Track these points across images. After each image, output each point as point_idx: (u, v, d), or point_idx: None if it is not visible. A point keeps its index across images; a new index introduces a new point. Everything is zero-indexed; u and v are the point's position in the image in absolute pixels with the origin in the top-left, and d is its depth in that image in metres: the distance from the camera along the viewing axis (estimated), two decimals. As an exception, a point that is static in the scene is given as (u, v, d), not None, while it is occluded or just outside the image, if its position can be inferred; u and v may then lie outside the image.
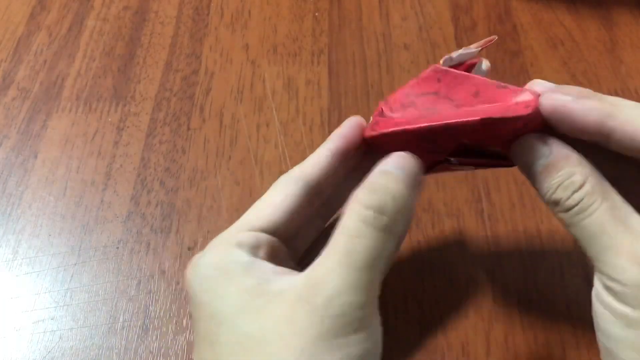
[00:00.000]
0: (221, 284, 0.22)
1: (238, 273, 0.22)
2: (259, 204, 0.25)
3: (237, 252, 0.23)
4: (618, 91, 0.40)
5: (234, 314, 0.21)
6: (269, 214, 0.24)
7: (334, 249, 0.21)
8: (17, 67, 0.42)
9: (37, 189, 0.36)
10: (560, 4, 0.45)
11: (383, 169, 0.23)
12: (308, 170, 0.25)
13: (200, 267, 0.23)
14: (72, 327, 0.31)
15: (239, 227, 0.24)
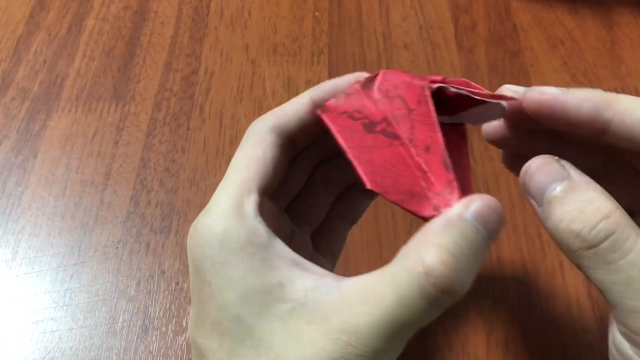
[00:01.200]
0: (234, 271, 0.20)
1: (256, 261, 0.20)
2: (241, 162, 0.22)
3: (251, 224, 0.20)
4: (618, 91, 0.40)
5: (251, 316, 0.20)
6: (259, 171, 0.22)
7: (378, 303, 0.18)
8: (16, 67, 0.42)
9: (36, 189, 0.36)
10: (561, 4, 0.45)
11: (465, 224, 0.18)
12: (285, 119, 0.23)
13: (207, 238, 0.20)
14: (72, 328, 0.31)
15: (238, 188, 0.21)
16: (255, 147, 0.23)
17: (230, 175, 0.22)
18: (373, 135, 0.22)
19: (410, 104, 0.22)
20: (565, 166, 0.19)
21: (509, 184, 0.35)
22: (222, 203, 0.21)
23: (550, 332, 0.30)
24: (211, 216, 0.21)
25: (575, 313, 0.31)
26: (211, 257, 0.20)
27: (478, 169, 0.36)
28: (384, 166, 0.21)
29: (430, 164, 0.21)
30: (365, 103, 0.23)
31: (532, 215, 0.34)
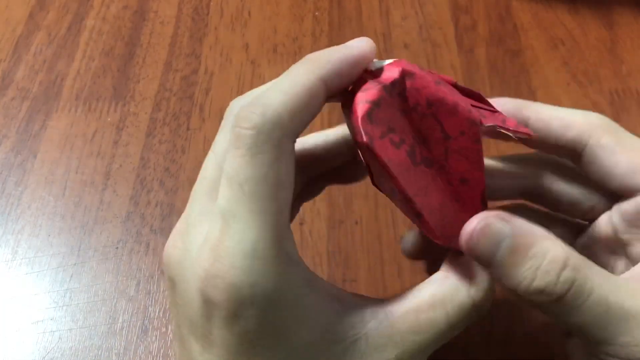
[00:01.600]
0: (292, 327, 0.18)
1: (306, 314, 0.18)
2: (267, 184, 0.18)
3: (295, 271, 0.18)
4: (619, 91, 0.40)
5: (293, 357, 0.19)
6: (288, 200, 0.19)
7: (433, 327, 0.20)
8: (16, 67, 0.42)
9: (36, 189, 0.36)
10: (561, 4, 0.45)
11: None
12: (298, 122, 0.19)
13: (253, 294, 0.17)
14: (72, 328, 0.31)
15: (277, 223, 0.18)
16: (277, 166, 0.18)
17: (253, 204, 0.18)
18: (420, 169, 0.20)
19: (450, 131, 0.20)
20: (507, 221, 0.19)
21: (509, 184, 0.35)
22: (261, 250, 0.17)
23: (550, 332, 0.30)
24: (253, 269, 0.17)
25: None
26: (259, 316, 0.18)
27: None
28: (440, 210, 0.20)
29: (464, 195, 0.21)
30: (394, 113, 0.20)
31: (532, 216, 0.34)
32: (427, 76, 0.20)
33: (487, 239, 0.18)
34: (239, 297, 0.17)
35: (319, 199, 0.35)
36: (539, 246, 0.18)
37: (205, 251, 0.18)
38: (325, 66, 0.19)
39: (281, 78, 0.19)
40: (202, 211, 0.20)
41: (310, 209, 0.35)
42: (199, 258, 0.18)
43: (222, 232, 0.18)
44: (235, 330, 0.18)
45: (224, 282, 0.17)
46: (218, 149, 0.21)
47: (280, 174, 0.18)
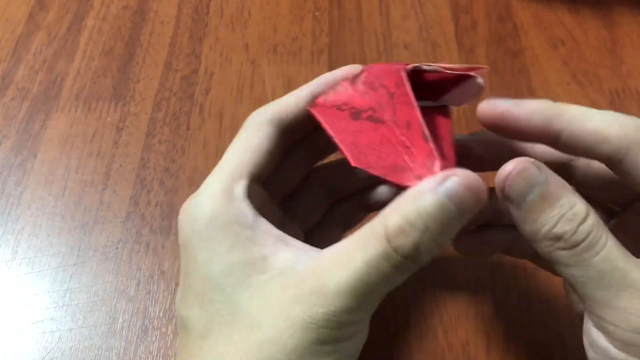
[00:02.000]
0: (220, 245, 0.21)
1: (242, 237, 0.21)
2: (237, 149, 0.23)
3: (239, 205, 0.22)
4: (619, 91, 0.40)
5: (232, 286, 0.21)
6: (252, 159, 0.23)
7: (348, 265, 0.19)
8: (16, 67, 0.42)
9: (36, 189, 0.36)
10: (561, 4, 0.45)
11: (432, 198, 0.19)
12: (283, 111, 0.24)
13: (196, 215, 0.22)
14: (72, 328, 0.31)
15: (230, 173, 0.22)
16: (251, 137, 0.23)
17: (223, 161, 0.23)
18: (359, 122, 0.23)
19: (391, 89, 0.23)
20: (541, 169, 0.20)
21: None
22: (213, 185, 0.22)
23: (550, 332, 0.30)
24: (201, 196, 0.22)
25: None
26: (199, 232, 0.21)
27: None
28: (369, 146, 0.22)
29: (412, 139, 0.21)
30: (352, 96, 0.24)
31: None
32: (385, 64, 0.24)
33: (523, 181, 0.19)
34: (186, 214, 0.22)
35: (319, 199, 0.35)
36: (567, 198, 0.19)
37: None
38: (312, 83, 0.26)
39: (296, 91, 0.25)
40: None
41: (310, 209, 0.35)
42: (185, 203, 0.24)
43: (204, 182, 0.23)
44: (184, 248, 0.22)
45: (183, 210, 0.23)
46: None
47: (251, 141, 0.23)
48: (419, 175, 0.20)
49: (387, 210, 0.20)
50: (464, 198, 0.19)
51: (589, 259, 0.19)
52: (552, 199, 0.19)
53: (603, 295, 0.19)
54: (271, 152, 0.23)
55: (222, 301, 0.21)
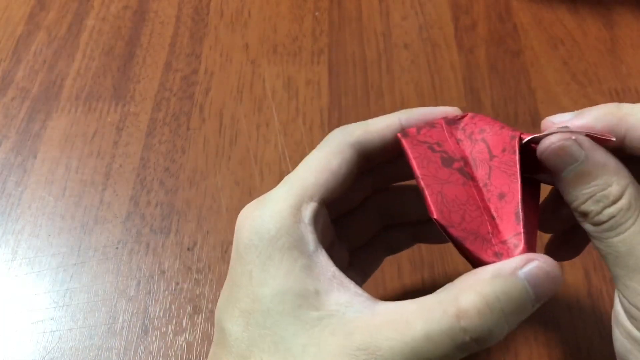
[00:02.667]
0: (277, 269, 0.20)
1: (299, 265, 0.20)
2: (313, 167, 0.22)
3: (303, 230, 0.21)
4: (619, 91, 0.40)
5: (281, 314, 0.20)
6: (328, 182, 0.22)
7: (405, 332, 0.18)
8: (16, 67, 0.42)
9: (36, 189, 0.36)
10: (561, 4, 0.45)
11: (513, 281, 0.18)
12: (369, 137, 0.23)
13: (259, 229, 0.21)
14: (72, 328, 0.31)
15: (302, 191, 0.22)
16: (331, 156, 0.22)
17: (297, 174, 0.22)
18: (449, 170, 0.22)
19: (494, 151, 0.22)
20: (583, 146, 0.20)
21: (509, 183, 0.35)
22: (281, 201, 0.22)
23: (550, 332, 0.30)
24: (268, 210, 0.21)
25: (575, 313, 0.31)
26: (258, 248, 0.21)
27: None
28: (454, 201, 0.21)
29: (501, 211, 0.21)
30: (447, 139, 0.23)
31: (532, 215, 0.34)
32: (490, 120, 0.23)
33: (559, 158, 0.20)
34: (248, 226, 0.21)
35: (319, 199, 0.35)
36: (602, 179, 0.20)
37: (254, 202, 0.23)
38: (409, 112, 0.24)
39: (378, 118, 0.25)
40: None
41: (310, 209, 0.35)
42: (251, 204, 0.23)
43: (272, 190, 0.23)
44: (241, 259, 0.21)
45: (246, 218, 0.22)
46: None
47: (330, 161, 0.22)
48: (498, 253, 0.20)
49: (459, 286, 0.19)
50: (543, 285, 0.19)
51: (609, 239, 0.19)
52: (587, 178, 0.20)
53: (619, 272, 0.20)
54: (347, 177, 0.23)
55: (268, 327, 0.20)
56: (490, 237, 0.20)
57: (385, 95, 0.40)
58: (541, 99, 0.39)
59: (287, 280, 0.20)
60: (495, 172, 0.21)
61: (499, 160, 0.22)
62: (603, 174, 0.20)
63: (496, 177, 0.21)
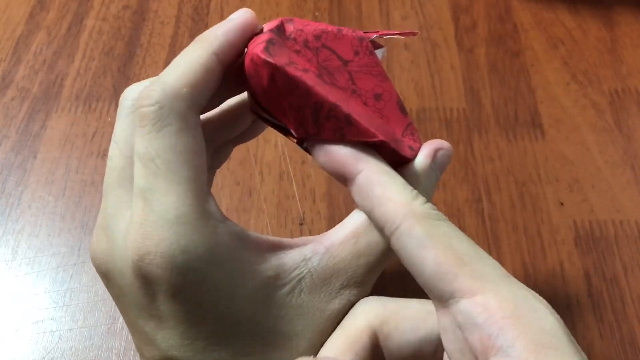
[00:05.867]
0: (227, 284, 0.19)
1: (245, 263, 0.19)
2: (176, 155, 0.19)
3: (224, 230, 0.19)
4: (619, 91, 0.40)
5: (255, 314, 0.19)
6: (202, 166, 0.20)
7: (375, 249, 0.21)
8: (16, 67, 0.42)
9: (36, 189, 0.36)
10: (561, 4, 0.44)
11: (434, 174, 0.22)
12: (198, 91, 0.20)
13: (186, 261, 0.18)
14: (72, 328, 0.31)
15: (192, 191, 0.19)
16: (184, 136, 0.19)
17: (168, 175, 0.19)
18: (334, 88, 0.21)
19: (345, 56, 0.22)
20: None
21: (509, 183, 0.35)
22: (183, 215, 0.18)
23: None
24: (180, 235, 0.18)
25: (575, 313, 0.31)
26: (200, 281, 0.18)
27: (478, 169, 0.36)
28: (367, 117, 0.21)
29: (385, 111, 0.21)
30: (289, 52, 0.21)
31: (532, 215, 0.34)
32: (310, 22, 0.22)
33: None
34: (174, 266, 0.18)
35: (319, 199, 0.35)
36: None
37: (131, 234, 0.19)
38: (214, 41, 0.20)
39: (176, 59, 0.21)
40: (118, 202, 0.20)
41: (310, 209, 0.35)
42: (127, 242, 0.19)
43: (144, 210, 0.18)
44: (180, 299, 0.18)
45: (156, 257, 0.18)
46: (118, 137, 0.22)
47: (189, 142, 0.19)
48: (410, 147, 0.22)
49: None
50: (445, 164, 0.22)
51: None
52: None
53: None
54: (204, 150, 0.20)
55: (248, 331, 0.19)
56: (397, 137, 0.21)
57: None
58: (541, 99, 0.39)
59: (244, 286, 0.19)
60: (359, 76, 0.21)
61: (357, 64, 0.21)
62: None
63: (361, 81, 0.21)
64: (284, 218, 0.34)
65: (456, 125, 0.38)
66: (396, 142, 0.21)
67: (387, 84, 0.22)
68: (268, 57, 0.20)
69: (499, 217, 0.34)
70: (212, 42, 0.20)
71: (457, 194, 0.35)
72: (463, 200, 0.35)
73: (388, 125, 0.21)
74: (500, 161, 0.36)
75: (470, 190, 0.35)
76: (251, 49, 0.21)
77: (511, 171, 0.36)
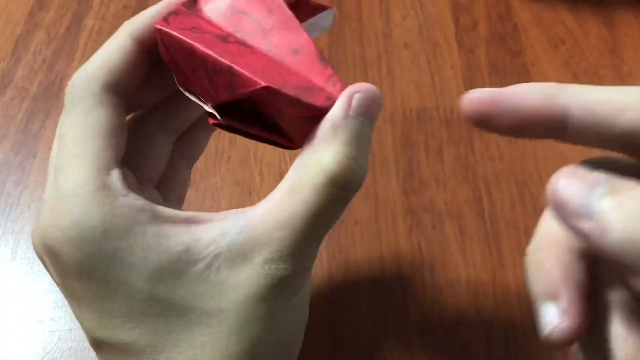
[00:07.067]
0: (133, 257, 0.18)
1: (151, 237, 0.18)
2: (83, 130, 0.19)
3: (127, 202, 0.19)
4: (619, 91, 0.39)
5: (168, 291, 0.19)
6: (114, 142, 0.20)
7: (296, 224, 0.18)
8: (15, 66, 0.42)
9: (35, 189, 0.36)
10: (562, 3, 0.44)
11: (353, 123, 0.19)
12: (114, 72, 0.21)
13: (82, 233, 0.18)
14: (71, 328, 0.31)
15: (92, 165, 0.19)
16: (95, 113, 0.20)
17: (72, 150, 0.19)
18: (232, 45, 0.20)
19: (258, 17, 0.21)
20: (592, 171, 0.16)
21: (509, 183, 0.35)
22: (80, 187, 0.18)
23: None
24: (74, 207, 0.18)
25: (576, 313, 0.31)
26: (96, 253, 0.18)
27: (479, 169, 0.36)
28: (263, 67, 0.20)
29: (304, 65, 0.20)
30: (199, 22, 0.21)
31: (532, 215, 0.34)
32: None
33: (582, 184, 0.15)
34: (69, 237, 0.18)
35: (319, 199, 0.35)
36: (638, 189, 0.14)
37: (44, 212, 0.19)
38: (131, 24, 0.22)
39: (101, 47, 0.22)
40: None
41: (310, 209, 0.35)
42: (40, 221, 0.19)
43: (52, 185, 0.19)
44: (85, 274, 0.18)
45: (56, 230, 0.18)
46: None
47: (99, 120, 0.20)
48: (328, 97, 0.19)
49: (313, 155, 0.19)
50: (372, 109, 0.19)
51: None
52: (624, 192, 0.14)
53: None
54: (122, 127, 0.21)
55: (163, 310, 0.19)
56: (312, 86, 0.20)
57: (385, 95, 0.39)
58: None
59: (150, 260, 0.18)
60: (273, 34, 0.21)
61: (271, 22, 0.21)
62: (633, 185, 0.14)
63: (277, 38, 0.21)
64: (284, 218, 0.34)
65: (457, 125, 0.38)
66: (305, 90, 0.19)
67: (303, 37, 0.20)
68: (163, 24, 0.21)
69: (499, 217, 0.34)
70: (129, 24, 0.22)
71: (458, 194, 0.35)
72: (463, 200, 0.35)
73: (302, 77, 0.20)
74: (501, 161, 0.36)
75: (470, 190, 0.35)
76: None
77: (512, 171, 0.36)
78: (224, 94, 0.20)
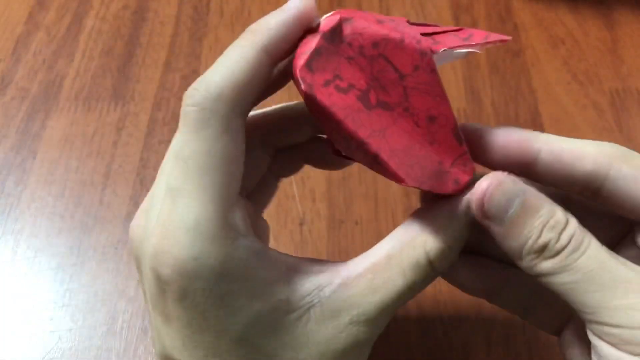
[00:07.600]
0: (237, 300, 0.18)
1: (258, 283, 0.19)
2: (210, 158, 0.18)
3: (245, 244, 0.19)
4: (619, 90, 0.39)
5: (259, 337, 0.19)
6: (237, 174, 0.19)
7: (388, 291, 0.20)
8: (15, 66, 0.42)
9: (35, 189, 0.36)
10: (562, 4, 0.44)
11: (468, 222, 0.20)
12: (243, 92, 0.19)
13: (198, 271, 0.18)
14: (71, 328, 0.31)
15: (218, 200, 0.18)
16: (223, 141, 0.18)
17: (196, 179, 0.18)
18: (375, 112, 0.19)
19: (403, 69, 0.20)
20: (516, 182, 0.19)
21: (510, 183, 0.35)
22: (203, 222, 0.18)
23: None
24: (195, 242, 0.18)
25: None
26: (205, 291, 0.18)
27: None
28: (405, 151, 0.19)
29: (437, 135, 0.19)
30: (339, 61, 0.19)
31: (532, 215, 0.34)
32: (368, 17, 0.20)
33: (502, 196, 0.19)
34: (183, 271, 0.18)
35: (319, 199, 0.35)
36: (546, 208, 0.18)
37: (156, 228, 0.19)
38: (264, 35, 0.20)
39: (224, 55, 0.20)
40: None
41: (310, 209, 0.35)
42: (151, 235, 0.19)
43: (169, 209, 0.18)
44: (185, 304, 0.18)
45: (170, 258, 0.18)
46: None
47: (226, 148, 0.19)
48: (455, 180, 0.20)
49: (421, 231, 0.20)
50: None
51: (575, 261, 0.18)
52: (533, 209, 0.18)
53: (598, 297, 0.18)
54: (244, 153, 0.20)
55: (248, 351, 0.19)
56: (441, 167, 0.19)
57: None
58: (541, 99, 0.39)
59: (252, 306, 0.19)
60: (414, 94, 0.19)
61: (414, 80, 0.19)
62: (544, 203, 0.18)
63: (416, 99, 0.19)
64: (284, 218, 0.34)
65: (456, 125, 0.38)
66: (436, 178, 0.19)
67: (445, 107, 0.19)
68: (306, 74, 0.19)
69: (499, 217, 0.34)
70: (262, 36, 0.20)
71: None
72: (463, 200, 0.35)
73: (434, 154, 0.19)
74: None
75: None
76: (297, 56, 0.19)
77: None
78: (358, 157, 0.20)
